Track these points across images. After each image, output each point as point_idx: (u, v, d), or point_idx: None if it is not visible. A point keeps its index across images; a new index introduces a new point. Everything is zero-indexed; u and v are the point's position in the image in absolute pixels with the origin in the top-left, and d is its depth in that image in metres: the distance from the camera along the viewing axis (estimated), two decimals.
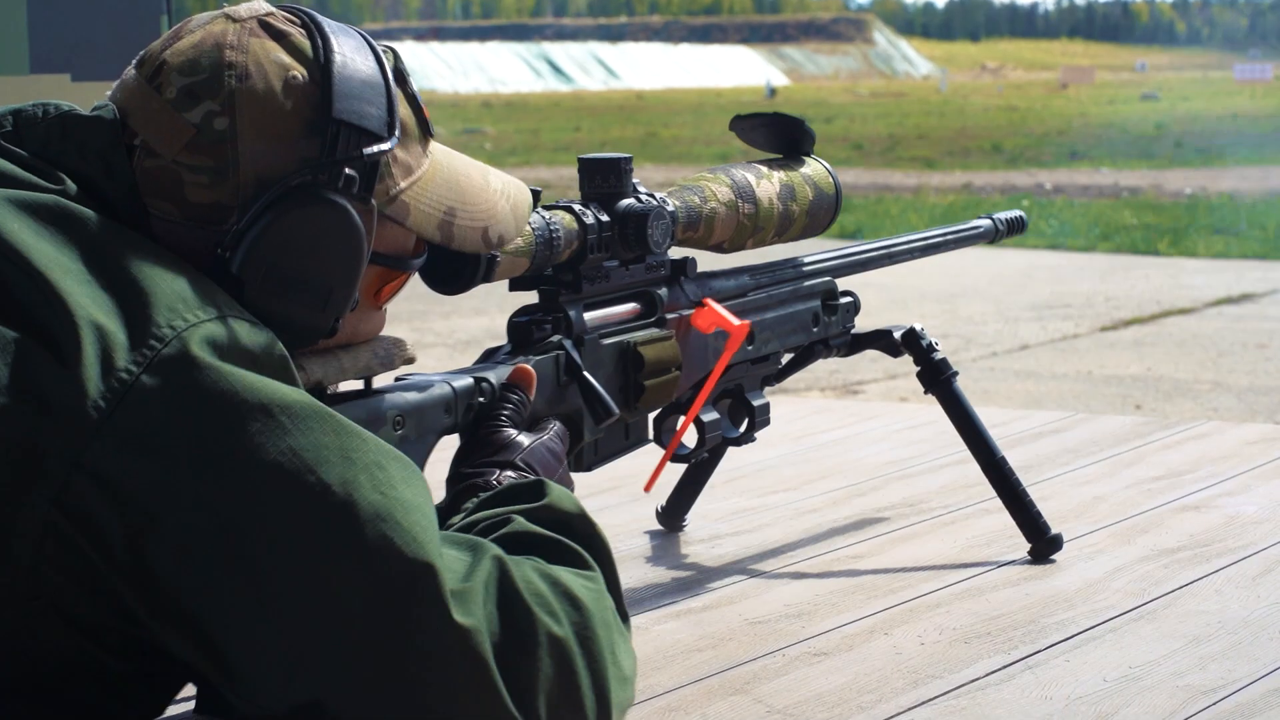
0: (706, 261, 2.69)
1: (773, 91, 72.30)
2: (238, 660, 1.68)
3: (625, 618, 1.92)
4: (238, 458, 1.66)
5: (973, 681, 2.34)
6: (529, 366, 2.26)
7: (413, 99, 1.98)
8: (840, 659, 2.44)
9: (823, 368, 9.17)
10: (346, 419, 1.73)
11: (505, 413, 2.19)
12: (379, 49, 1.95)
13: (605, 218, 2.45)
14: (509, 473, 2.09)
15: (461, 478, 2.09)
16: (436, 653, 1.68)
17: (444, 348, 9.69)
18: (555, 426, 2.24)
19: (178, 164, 1.82)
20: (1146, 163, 25.33)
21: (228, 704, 1.92)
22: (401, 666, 1.68)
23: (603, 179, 2.49)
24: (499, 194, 2.06)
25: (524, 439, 2.15)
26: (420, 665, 1.68)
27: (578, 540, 1.91)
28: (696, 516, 3.20)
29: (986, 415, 2.99)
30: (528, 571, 1.79)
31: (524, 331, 2.38)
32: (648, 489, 2.65)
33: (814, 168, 2.84)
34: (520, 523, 1.88)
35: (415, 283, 2.09)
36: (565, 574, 1.83)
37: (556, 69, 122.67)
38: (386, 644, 1.68)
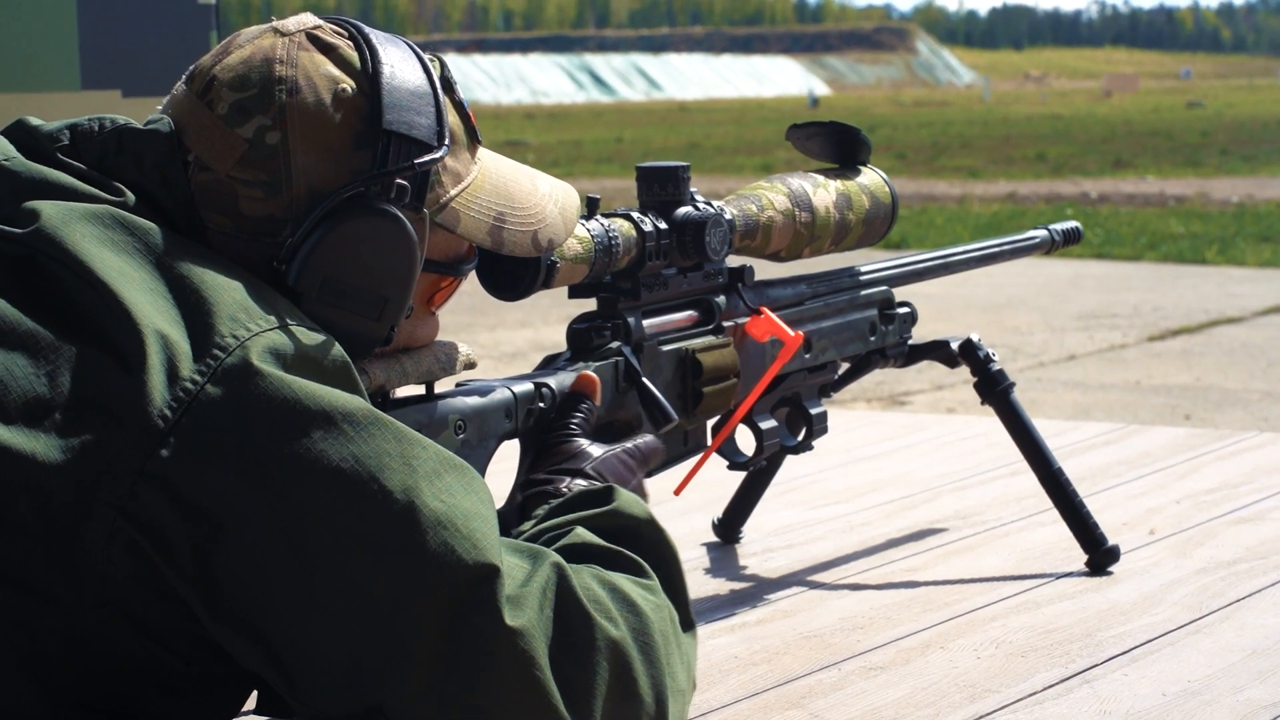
0: (764, 270, 2.68)
1: (815, 101, 72.28)
2: (298, 665, 1.69)
3: (690, 625, 1.92)
4: (301, 466, 1.66)
5: (1030, 695, 2.33)
6: (592, 374, 2.26)
7: (460, 106, 1.99)
8: (896, 673, 2.43)
9: (870, 378, 9.14)
10: (407, 427, 1.74)
11: (574, 421, 2.19)
12: (425, 58, 1.95)
13: (663, 225, 2.45)
14: (579, 481, 2.10)
15: (531, 484, 2.10)
16: (490, 656, 1.69)
17: (490, 360, 9.69)
18: (646, 439, 2.23)
19: (231, 178, 1.83)
20: (1192, 170, 25.21)
21: (288, 705, 1.92)
22: (457, 671, 1.69)
23: (660, 187, 2.49)
24: (547, 197, 2.06)
25: (595, 449, 2.16)
26: (475, 669, 1.69)
27: (644, 547, 1.92)
28: (748, 529, 3.19)
29: (1037, 426, 2.97)
30: (586, 578, 1.79)
31: (583, 338, 2.38)
32: (677, 493, 2.64)
33: (870, 177, 2.83)
34: (580, 533, 1.89)
35: (460, 296, 2.09)
36: (625, 583, 1.83)
37: (599, 80, 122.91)
38: (444, 649, 1.68)
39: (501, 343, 10.57)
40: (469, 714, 1.70)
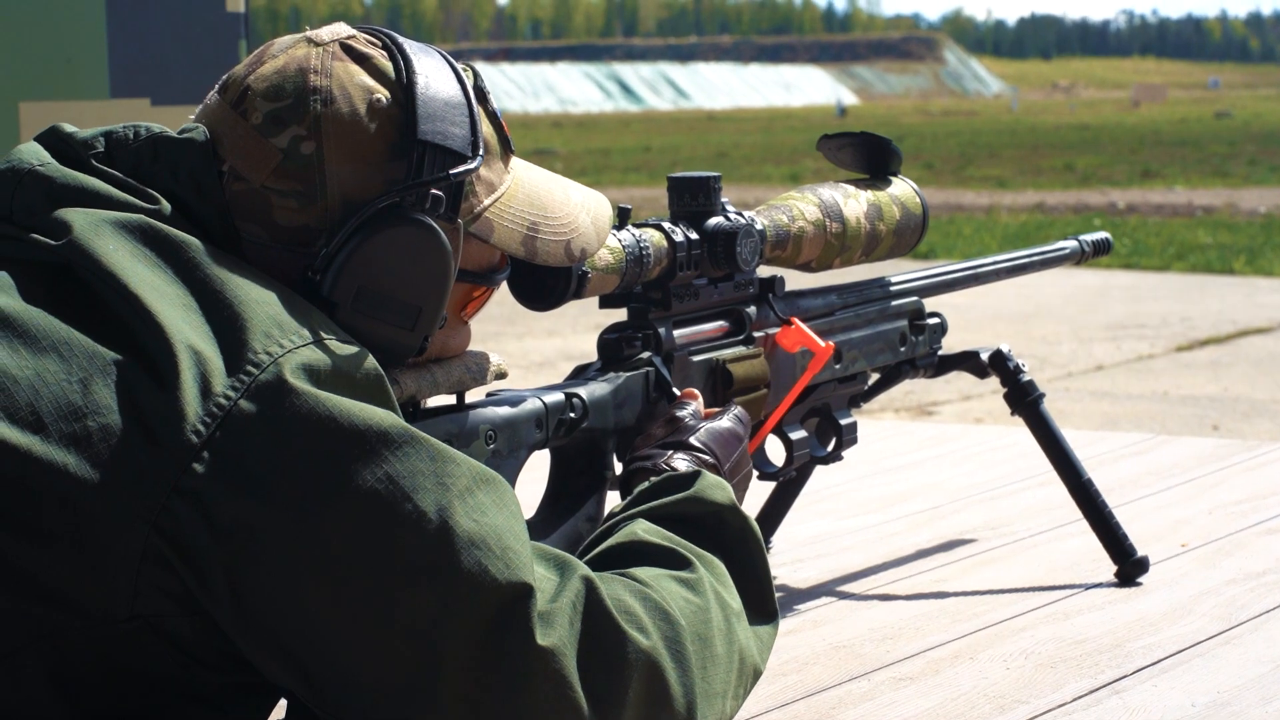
0: (794, 280, 2.69)
1: (843, 111, 72.24)
2: (327, 682, 1.69)
3: (772, 614, 1.96)
4: (334, 487, 1.66)
5: (1059, 707, 2.33)
6: (694, 391, 2.31)
7: (493, 116, 1.99)
8: (926, 683, 2.43)
9: (898, 388, 9.12)
10: (440, 443, 1.73)
11: (681, 409, 2.24)
12: (459, 68, 1.95)
13: (694, 236, 2.46)
14: (682, 454, 2.12)
15: (635, 459, 2.14)
16: (521, 675, 1.69)
17: (518, 369, 9.69)
18: (735, 410, 2.27)
19: (266, 188, 1.83)
20: (1221, 181, 25.14)
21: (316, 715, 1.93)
22: (489, 689, 1.69)
23: (692, 197, 2.49)
24: (580, 207, 2.06)
25: (698, 423, 2.20)
26: (506, 687, 1.69)
27: (727, 532, 1.95)
28: (778, 539, 3.19)
29: (1065, 437, 2.97)
30: (617, 589, 1.79)
31: (614, 348, 2.39)
32: None
33: (901, 188, 2.83)
34: (632, 529, 1.91)
35: (488, 305, 2.10)
36: (665, 586, 1.83)
37: (626, 89, 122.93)
38: (476, 668, 1.68)
39: (530, 352, 10.57)
40: None
